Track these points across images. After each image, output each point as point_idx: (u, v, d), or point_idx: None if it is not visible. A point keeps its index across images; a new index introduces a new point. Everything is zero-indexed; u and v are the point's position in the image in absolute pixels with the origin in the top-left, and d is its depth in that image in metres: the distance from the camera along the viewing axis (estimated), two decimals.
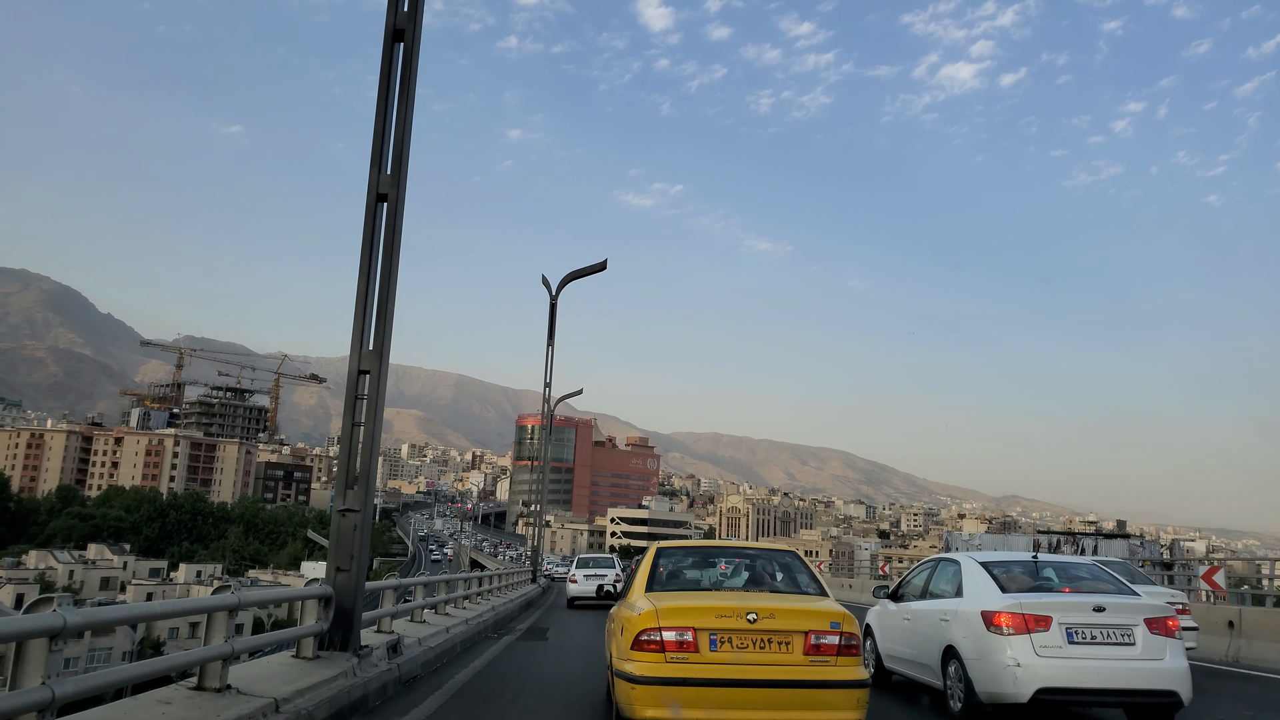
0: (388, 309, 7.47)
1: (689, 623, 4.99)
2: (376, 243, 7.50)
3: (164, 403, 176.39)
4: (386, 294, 7.47)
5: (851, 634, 5.03)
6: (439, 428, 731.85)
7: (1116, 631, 6.09)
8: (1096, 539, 51.81)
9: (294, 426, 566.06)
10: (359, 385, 7.38)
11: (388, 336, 7.46)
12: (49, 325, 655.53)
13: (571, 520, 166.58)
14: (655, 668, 4.92)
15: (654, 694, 4.85)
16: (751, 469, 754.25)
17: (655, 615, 5.05)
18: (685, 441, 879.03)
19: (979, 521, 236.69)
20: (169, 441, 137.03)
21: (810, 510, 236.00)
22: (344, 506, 7.13)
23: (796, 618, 5.05)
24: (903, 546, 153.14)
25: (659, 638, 4.97)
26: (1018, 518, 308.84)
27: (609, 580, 21.65)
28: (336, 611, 6.77)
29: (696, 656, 4.93)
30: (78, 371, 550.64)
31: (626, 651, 5.13)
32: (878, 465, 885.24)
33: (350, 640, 6.89)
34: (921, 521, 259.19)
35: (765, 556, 6.39)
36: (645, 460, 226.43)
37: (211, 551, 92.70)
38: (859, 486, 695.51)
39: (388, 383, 7.57)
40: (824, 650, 4.93)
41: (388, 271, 7.51)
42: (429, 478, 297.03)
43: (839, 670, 4.91)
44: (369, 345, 7.40)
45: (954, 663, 6.56)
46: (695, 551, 6.76)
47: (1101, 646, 6.03)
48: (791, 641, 4.95)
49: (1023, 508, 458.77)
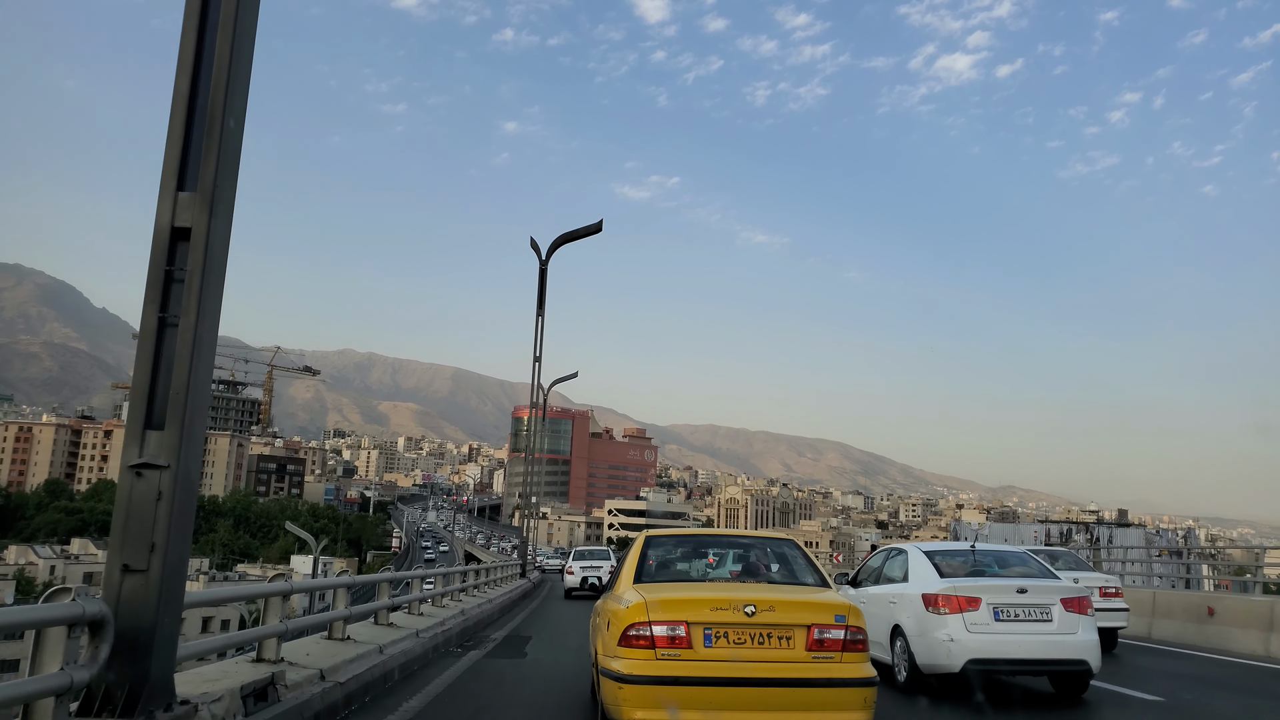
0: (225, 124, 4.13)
1: (682, 616, 4.54)
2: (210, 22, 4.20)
3: None
4: (227, 100, 4.16)
5: (858, 628, 4.62)
6: (436, 421, 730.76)
7: (1036, 610, 7.00)
8: (1111, 528, 51.10)
9: (290, 420, 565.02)
10: (172, 254, 4.06)
11: (229, 172, 4.23)
12: (44, 320, 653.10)
13: (569, 512, 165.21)
14: (645, 665, 4.46)
15: (644, 694, 4.40)
16: (749, 460, 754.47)
17: (645, 608, 4.59)
18: (682, 433, 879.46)
19: (977, 511, 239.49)
20: None
21: (809, 501, 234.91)
22: (140, 460, 3.90)
23: (798, 610, 4.64)
24: (904, 536, 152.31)
25: (649, 632, 4.52)
26: (1015, 508, 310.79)
27: (603, 571, 21.24)
28: (117, 643, 3.62)
29: (690, 653, 4.47)
30: (73, 366, 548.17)
31: (613, 648, 4.66)
32: (875, 456, 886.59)
33: (144, 693, 3.70)
34: (920, 512, 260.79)
35: (762, 545, 5.92)
36: (643, 452, 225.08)
37: (200, 546, 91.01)
38: (856, 477, 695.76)
39: (384, 375, 4.94)
40: (828, 645, 4.53)
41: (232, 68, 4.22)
42: (426, 471, 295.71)
43: (844, 667, 4.50)
44: (194, 181, 4.11)
45: (900, 639, 7.40)
46: (687, 540, 6.24)
47: (1023, 623, 6.94)
48: (793, 636, 4.55)
49: (1019, 498, 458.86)
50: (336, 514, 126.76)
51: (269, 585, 5.98)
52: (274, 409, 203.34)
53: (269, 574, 43.53)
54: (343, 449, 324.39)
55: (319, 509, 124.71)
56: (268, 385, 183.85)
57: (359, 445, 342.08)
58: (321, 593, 49.80)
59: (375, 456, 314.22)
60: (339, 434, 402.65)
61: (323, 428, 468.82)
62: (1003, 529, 48.56)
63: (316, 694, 5.27)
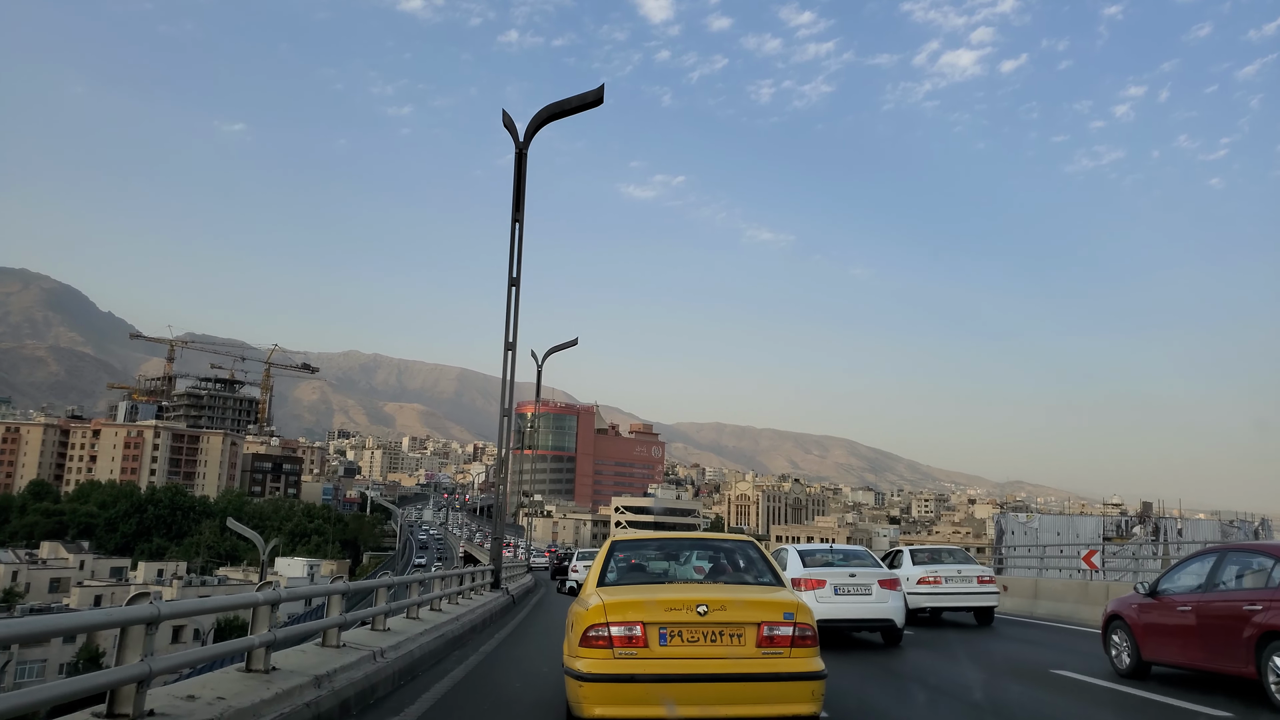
0: None
1: (637, 617, 4.79)
2: None
3: (153, 395, 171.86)
4: None
5: (805, 624, 4.86)
6: (442, 421, 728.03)
7: (861, 588, 10.99)
8: (1181, 521, 46.98)
9: (296, 422, 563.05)
10: None
11: None
12: (50, 324, 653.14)
13: (574, 510, 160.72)
14: (603, 664, 4.71)
15: (602, 691, 4.64)
16: (755, 458, 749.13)
17: (603, 610, 4.84)
18: (688, 431, 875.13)
19: (990, 506, 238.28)
20: (149, 433, 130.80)
21: (822, 497, 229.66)
22: None
23: (749, 609, 4.88)
24: (928, 532, 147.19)
25: (607, 633, 4.77)
26: (1024, 502, 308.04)
27: None
28: None
29: (645, 651, 4.73)
30: (79, 370, 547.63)
31: (576, 648, 4.93)
32: (881, 453, 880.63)
33: None
34: (933, 507, 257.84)
35: (721, 547, 6.23)
36: (649, 448, 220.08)
37: (184, 548, 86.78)
38: (863, 474, 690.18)
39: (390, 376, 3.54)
40: (777, 641, 4.77)
41: None
42: (429, 470, 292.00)
43: (793, 662, 4.74)
44: None
45: None
46: (650, 544, 6.49)
47: (852, 597, 10.95)
48: (744, 633, 4.79)
49: (1027, 493, 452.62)
50: (332, 514, 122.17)
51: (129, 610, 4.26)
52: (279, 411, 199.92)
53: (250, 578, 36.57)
54: (347, 449, 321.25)
55: (314, 509, 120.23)
56: (265, 383, 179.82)
57: (363, 445, 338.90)
58: None
59: (379, 456, 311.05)
60: (343, 435, 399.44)
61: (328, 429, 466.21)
62: (1054, 521, 43.92)
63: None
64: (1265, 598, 6.53)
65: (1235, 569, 7.31)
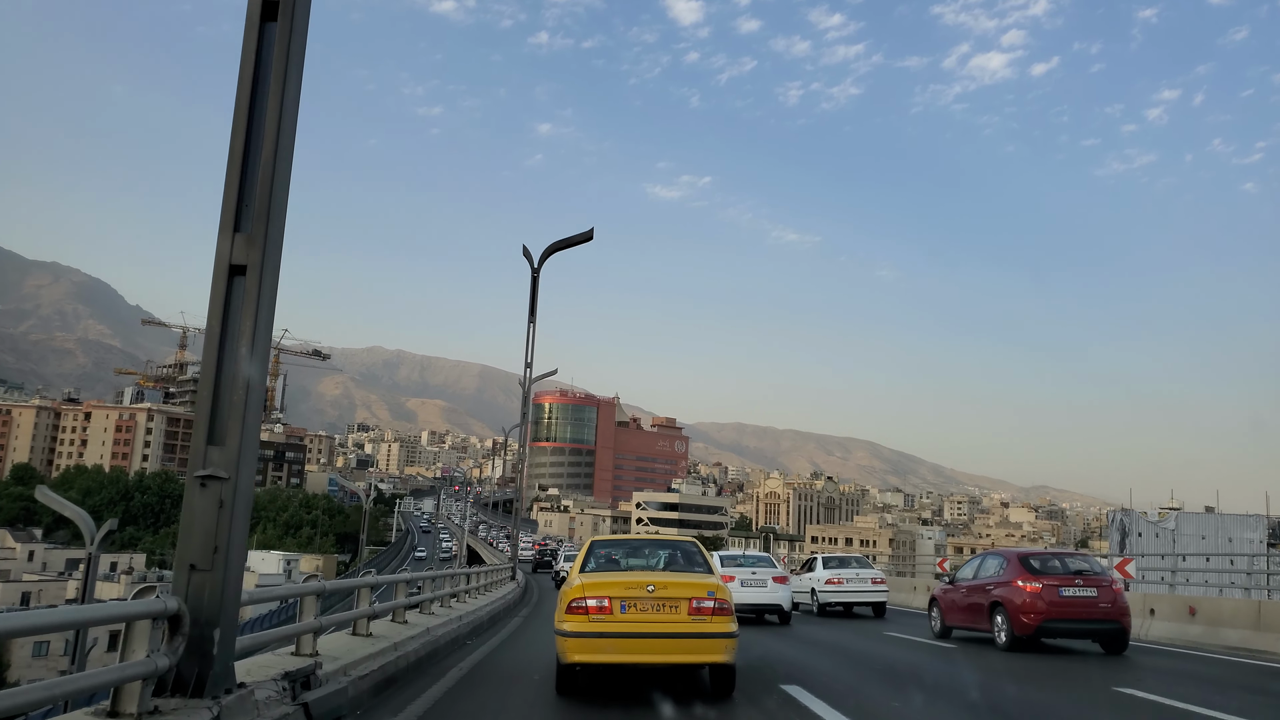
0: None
1: (605, 594, 6.74)
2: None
3: (161, 382, 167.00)
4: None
5: (724, 600, 6.80)
6: (463, 417, 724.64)
7: (760, 582, 16.17)
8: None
9: (319, 417, 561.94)
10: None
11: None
12: (79, 317, 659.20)
13: (593, 505, 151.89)
14: (581, 625, 6.68)
15: (580, 643, 6.66)
16: (776, 459, 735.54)
17: (582, 589, 6.83)
18: (708, 431, 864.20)
19: (1025, 510, 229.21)
20: (141, 416, 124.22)
21: (856, 496, 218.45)
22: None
23: (683, 588, 6.80)
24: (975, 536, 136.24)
25: (585, 604, 6.71)
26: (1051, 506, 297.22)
27: None
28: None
29: (611, 617, 6.67)
30: (106, 362, 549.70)
31: (563, 615, 6.88)
32: (904, 455, 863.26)
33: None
34: (966, 510, 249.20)
35: (674, 546, 8.61)
36: (673, 443, 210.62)
37: (161, 538, 79.26)
38: (885, 476, 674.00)
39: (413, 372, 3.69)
40: (703, 611, 6.69)
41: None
42: (447, 464, 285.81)
43: (714, 625, 6.68)
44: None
45: None
46: (621, 544, 8.98)
47: (754, 587, 16.10)
48: (679, 605, 6.70)
49: (1052, 497, 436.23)
50: (331, 505, 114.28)
51: None
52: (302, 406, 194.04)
53: None
54: (365, 442, 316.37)
55: (313, 499, 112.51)
56: (273, 369, 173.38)
57: (380, 439, 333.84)
58: None
59: (396, 449, 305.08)
60: (362, 428, 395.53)
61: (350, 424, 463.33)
62: (1198, 520, 34.29)
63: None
64: (996, 581, 12.09)
65: (990, 564, 12.88)
